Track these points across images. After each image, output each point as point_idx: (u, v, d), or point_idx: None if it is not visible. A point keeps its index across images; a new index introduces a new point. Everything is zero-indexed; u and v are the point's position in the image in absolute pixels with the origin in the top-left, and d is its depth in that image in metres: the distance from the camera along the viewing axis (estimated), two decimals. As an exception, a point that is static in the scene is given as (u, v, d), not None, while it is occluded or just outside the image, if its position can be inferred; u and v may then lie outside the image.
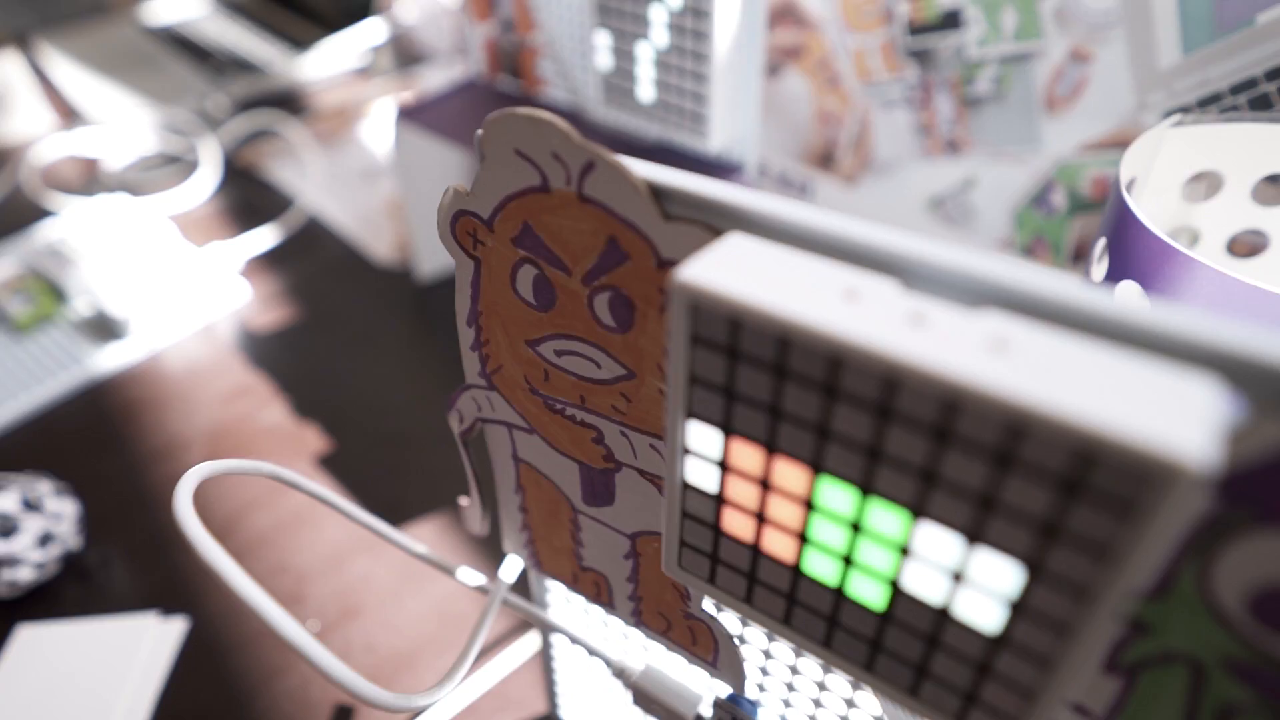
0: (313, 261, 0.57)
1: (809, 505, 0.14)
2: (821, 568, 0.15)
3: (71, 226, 0.57)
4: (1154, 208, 0.27)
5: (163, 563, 0.38)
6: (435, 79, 0.80)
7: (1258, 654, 0.13)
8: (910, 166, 0.40)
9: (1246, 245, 0.30)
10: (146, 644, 0.35)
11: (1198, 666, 0.14)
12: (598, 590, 0.24)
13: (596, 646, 0.25)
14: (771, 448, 0.14)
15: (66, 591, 0.37)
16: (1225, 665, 0.14)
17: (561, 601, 0.27)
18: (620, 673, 0.24)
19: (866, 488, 0.13)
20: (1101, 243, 0.24)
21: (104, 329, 0.51)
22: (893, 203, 0.42)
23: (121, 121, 0.72)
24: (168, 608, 0.36)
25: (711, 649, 0.22)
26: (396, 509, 0.39)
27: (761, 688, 0.22)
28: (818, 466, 0.14)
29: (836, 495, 0.14)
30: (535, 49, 0.42)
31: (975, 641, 0.14)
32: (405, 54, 0.87)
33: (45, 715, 0.32)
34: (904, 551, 0.14)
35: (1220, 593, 0.13)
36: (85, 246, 0.55)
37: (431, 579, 0.36)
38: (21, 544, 0.36)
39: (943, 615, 0.14)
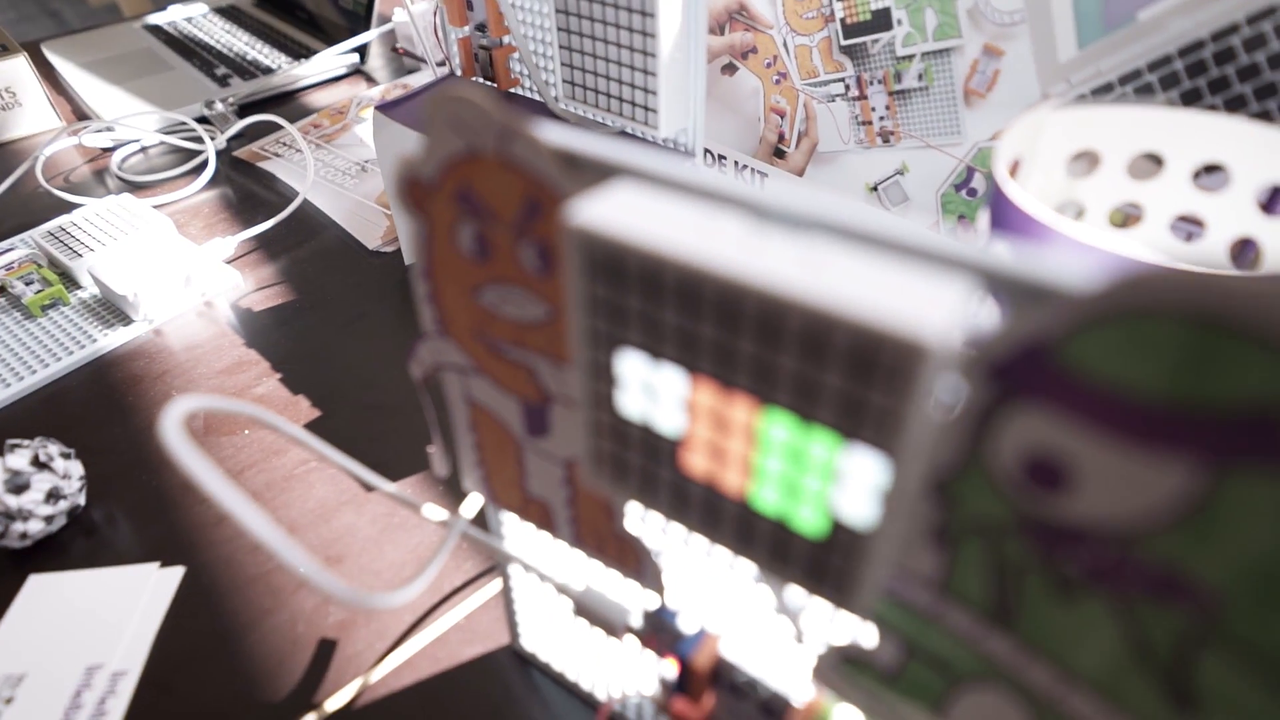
0: (307, 249, 0.61)
1: (693, 408, 0.18)
2: (697, 462, 0.18)
3: (80, 218, 0.61)
4: (1041, 184, 0.30)
5: (163, 519, 0.41)
6: (425, 80, 0.84)
7: (1036, 514, 0.16)
8: (851, 157, 0.43)
9: (1136, 220, 0.33)
10: (147, 590, 0.38)
11: (995, 532, 0.17)
12: (543, 517, 0.27)
13: (545, 571, 0.28)
14: (655, 355, 0.18)
15: (73, 545, 0.40)
16: (1015, 528, 0.17)
17: (514, 532, 0.30)
18: (564, 591, 0.28)
19: (728, 382, 0.17)
20: (986, 214, 0.27)
21: (110, 312, 0.55)
22: (837, 191, 0.45)
23: (128, 120, 0.76)
24: (167, 559, 0.39)
25: (637, 564, 0.25)
26: (379, 469, 0.43)
27: (680, 597, 0.25)
28: (692, 368, 0.17)
29: (708, 394, 0.17)
30: (507, 50, 0.45)
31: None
32: (400, 58, 0.91)
33: (55, 654, 0.36)
34: (758, 440, 0.17)
35: (1002, 464, 0.16)
36: (93, 236, 0.58)
37: (408, 531, 0.39)
38: (31, 499, 0.39)
39: (794, 492, 0.17)
